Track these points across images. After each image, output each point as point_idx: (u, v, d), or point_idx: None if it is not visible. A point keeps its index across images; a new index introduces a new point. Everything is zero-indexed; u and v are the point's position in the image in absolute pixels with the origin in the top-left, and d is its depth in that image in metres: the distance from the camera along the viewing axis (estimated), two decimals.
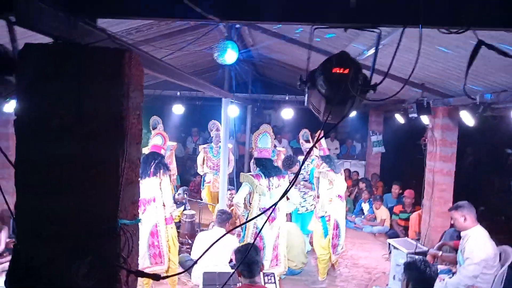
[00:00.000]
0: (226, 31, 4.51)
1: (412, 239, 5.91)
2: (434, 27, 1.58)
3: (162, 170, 4.16)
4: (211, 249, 2.08)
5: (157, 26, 4.28)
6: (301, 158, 6.14)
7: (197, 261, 2.11)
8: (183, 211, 5.90)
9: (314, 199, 5.76)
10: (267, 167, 4.41)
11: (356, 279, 5.22)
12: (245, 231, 4.42)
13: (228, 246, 4.29)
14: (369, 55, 4.16)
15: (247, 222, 4.33)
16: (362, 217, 7.55)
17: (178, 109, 8.23)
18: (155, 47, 4.69)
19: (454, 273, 3.75)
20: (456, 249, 3.97)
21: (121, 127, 1.45)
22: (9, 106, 3.24)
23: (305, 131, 6.46)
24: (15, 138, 1.49)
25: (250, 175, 4.39)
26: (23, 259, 1.47)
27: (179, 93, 7.53)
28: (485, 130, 6.21)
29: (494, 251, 3.56)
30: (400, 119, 7.45)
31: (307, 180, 5.87)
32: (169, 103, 8.49)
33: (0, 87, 1.66)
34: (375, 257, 6.04)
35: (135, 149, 1.55)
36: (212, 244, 1.84)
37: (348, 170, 9.63)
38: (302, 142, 6.33)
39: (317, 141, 5.03)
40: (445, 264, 4.26)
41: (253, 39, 6.27)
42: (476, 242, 3.53)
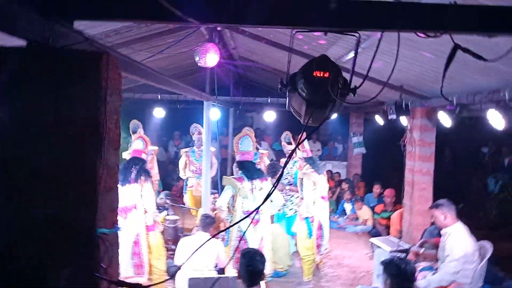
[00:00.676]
0: (207, 34, 4.49)
1: (394, 237, 6.01)
2: (411, 31, 1.61)
3: (143, 177, 4.09)
4: (195, 254, 2.06)
5: (137, 29, 4.22)
6: (283, 160, 6.15)
7: (180, 267, 2.08)
8: (166, 216, 5.81)
9: (299, 201, 5.79)
10: (249, 170, 4.40)
11: (341, 278, 5.26)
12: (229, 235, 4.39)
13: (213, 250, 4.26)
14: (349, 58, 4.21)
15: (231, 226, 4.31)
16: (345, 217, 7.63)
17: (159, 113, 8.13)
18: (134, 50, 4.62)
19: (436, 269, 3.82)
20: (437, 246, 4.05)
21: (98, 132, 1.42)
22: None
23: (287, 133, 6.49)
24: None
25: (233, 178, 4.37)
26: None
27: (159, 96, 7.43)
28: (462, 130, 6.38)
29: (474, 247, 3.65)
30: (380, 120, 7.56)
31: (292, 184, 5.88)
32: (149, 106, 8.38)
33: None
34: (359, 256, 6.10)
35: (113, 155, 1.51)
36: (197, 250, 1.82)
37: (330, 171, 9.72)
38: (284, 144, 6.36)
39: (299, 144, 5.08)
40: (427, 261, 4.35)
41: (234, 41, 6.26)
42: (456, 239, 3.61)
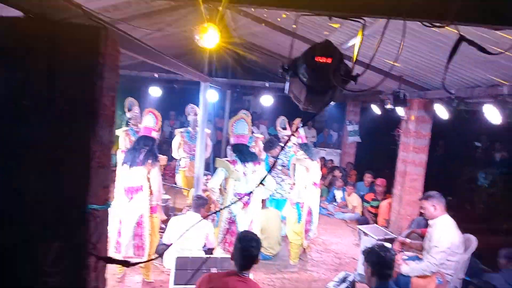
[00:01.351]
0: (207, 14, 4.40)
1: (381, 226, 6.10)
2: (417, 20, 1.58)
3: (151, 161, 3.95)
4: (185, 234, 2.06)
5: (136, 4, 4.12)
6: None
7: (170, 246, 2.09)
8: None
9: (290, 187, 5.82)
10: (243, 153, 4.39)
11: (326, 264, 5.34)
12: (219, 216, 4.42)
13: (202, 231, 4.28)
14: (350, 45, 4.17)
15: (223, 209, 4.33)
16: (335, 204, 7.71)
17: (155, 92, 8.04)
18: (133, 27, 4.53)
19: (421, 259, 3.89)
20: (423, 237, 4.12)
21: (93, 109, 1.39)
22: None
23: (283, 118, 6.48)
24: None
25: (226, 160, 4.37)
26: None
27: (156, 75, 7.35)
28: (457, 123, 6.40)
29: (459, 240, 3.71)
30: (376, 110, 7.56)
31: (286, 166, 5.90)
32: (146, 84, 8.28)
33: None
34: (345, 243, 6.19)
35: (107, 132, 1.49)
36: (187, 230, 1.83)
37: (323, 158, 9.76)
38: (279, 130, 6.36)
39: (296, 130, 5.07)
40: (413, 250, 4.42)
41: (235, 23, 6.16)
42: (443, 230, 3.67)
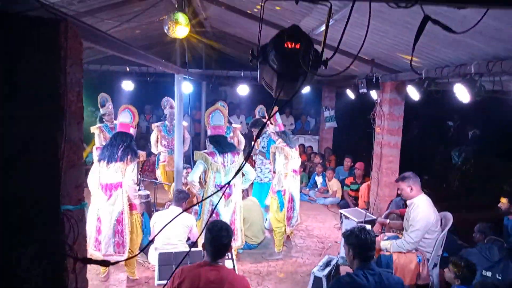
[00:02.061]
0: (176, 3, 4.30)
1: (361, 208, 6.23)
2: (383, 1, 1.59)
3: (129, 156, 3.88)
4: (167, 228, 2.02)
5: None
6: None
7: (152, 240, 2.06)
8: (138, 191, 5.73)
9: (270, 172, 5.85)
10: (221, 144, 4.37)
11: (310, 249, 5.43)
12: (201, 209, 4.40)
13: (185, 224, 4.27)
14: (322, 30, 4.17)
15: (204, 200, 4.31)
16: (316, 189, 7.81)
17: (128, 86, 7.86)
18: (99, 19, 4.39)
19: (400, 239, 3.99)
20: (402, 217, 4.23)
21: (58, 105, 1.34)
22: None
23: (261, 107, 6.47)
24: None
25: (204, 152, 4.33)
26: None
27: (128, 69, 7.16)
28: (429, 104, 6.56)
29: (436, 217, 3.83)
30: (351, 94, 7.64)
31: (265, 148, 5.95)
32: (118, 79, 8.07)
33: None
34: (328, 227, 6.30)
35: (76, 129, 1.44)
36: (168, 223, 1.80)
37: (302, 145, 9.84)
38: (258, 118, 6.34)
39: (270, 117, 5.07)
40: (393, 231, 4.54)
41: (205, 11, 6.06)
42: (420, 209, 3.77)
